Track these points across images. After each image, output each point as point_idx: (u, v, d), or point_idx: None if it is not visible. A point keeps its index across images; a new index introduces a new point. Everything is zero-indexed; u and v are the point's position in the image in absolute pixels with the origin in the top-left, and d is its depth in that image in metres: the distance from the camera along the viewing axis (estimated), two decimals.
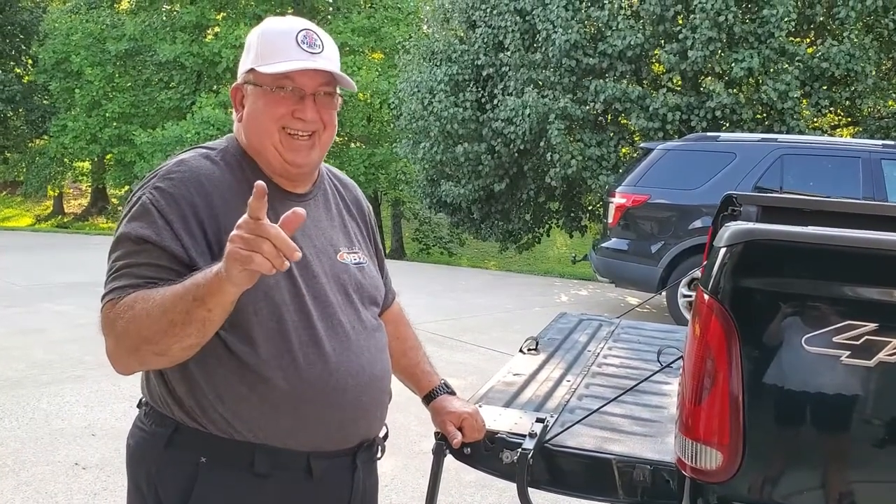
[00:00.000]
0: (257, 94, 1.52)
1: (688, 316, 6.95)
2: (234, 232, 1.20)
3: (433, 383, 1.90)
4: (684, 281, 7.22)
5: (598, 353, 2.70)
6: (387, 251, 20.48)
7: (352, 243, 1.68)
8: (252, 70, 1.53)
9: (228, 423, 1.46)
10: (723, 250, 1.56)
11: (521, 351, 2.68)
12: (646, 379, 2.10)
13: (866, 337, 1.44)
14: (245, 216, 1.20)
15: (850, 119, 12.02)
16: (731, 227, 1.60)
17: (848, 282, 1.51)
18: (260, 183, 1.18)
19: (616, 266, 7.94)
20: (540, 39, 11.41)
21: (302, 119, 1.50)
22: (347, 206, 1.74)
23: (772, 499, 1.54)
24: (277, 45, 1.51)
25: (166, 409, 1.50)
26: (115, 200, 26.37)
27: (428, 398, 1.89)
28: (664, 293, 7.48)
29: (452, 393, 1.91)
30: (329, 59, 1.53)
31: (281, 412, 1.46)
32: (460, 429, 1.83)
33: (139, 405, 1.60)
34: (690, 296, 7.24)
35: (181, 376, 1.46)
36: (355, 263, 1.65)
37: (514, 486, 1.76)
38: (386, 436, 1.71)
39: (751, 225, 1.67)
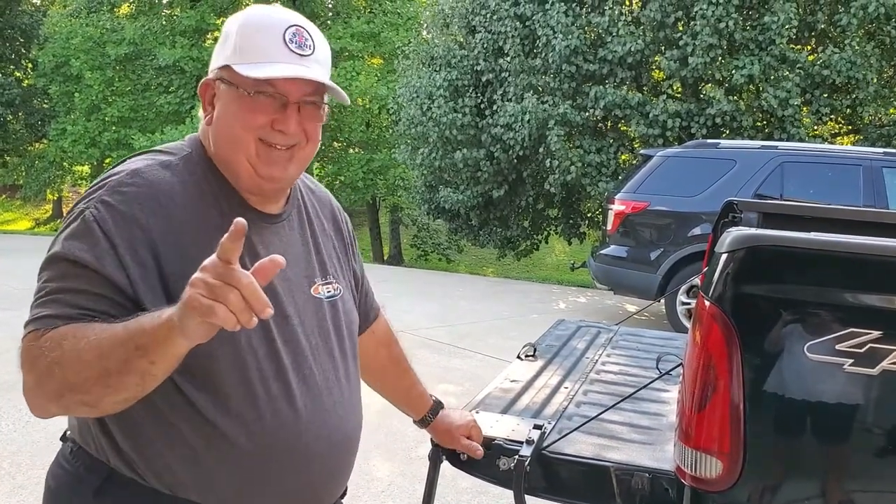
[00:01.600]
0: (232, 97, 1.30)
1: (686, 324, 6.98)
2: (198, 275, 1.00)
3: (428, 404, 1.83)
4: (683, 288, 7.19)
5: (597, 360, 2.67)
6: (385, 257, 20.46)
7: (326, 272, 1.48)
8: (228, 67, 1.29)
9: (175, 479, 1.25)
10: (724, 256, 1.54)
11: (518, 357, 2.65)
12: (645, 386, 2.08)
13: (870, 345, 1.42)
14: (213, 257, 1.00)
15: (850, 127, 12.02)
16: (733, 233, 1.57)
17: (851, 289, 1.49)
18: (240, 220, 0.99)
19: (615, 273, 7.91)
20: (540, 45, 11.42)
21: (283, 132, 1.29)
22: (322, 224, 1.54)
23: None
24: (260, 42, 1.29)
25: (100, 452, 1.29)
26: None
27: (425, 420, 1.83)
28: (663, 301, 7.46)
29: (443, 407, 1.86)
30: (319, 62, 1.32)
31: (239, 475, 1.27)
32: (469, 437, 1.82)
33: (63, 438, 1.38)
34: (689, 303, 7.21)
35: (121, 418, 1.23)
36: (328, 297, 1.45)
37: (510, 493, 1.73)
38: (344, 492, 1.52)
39: (753, 230, 1.65)
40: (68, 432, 1.37)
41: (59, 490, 1.33)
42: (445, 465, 1.90)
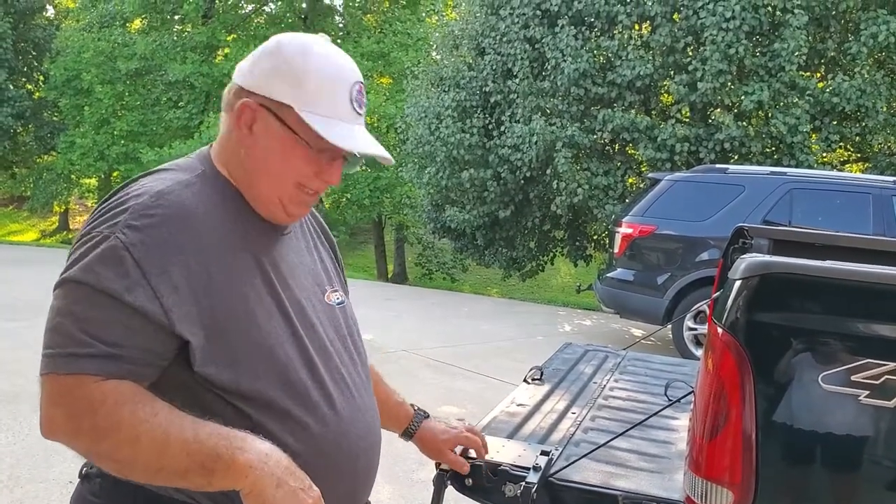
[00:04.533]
0: (286, 139, 1.27)
1: (693, 349, 6.94)
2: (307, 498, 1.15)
3: (409, 413, 1.75)
4: (690, 314, 7.15)
5: (605, 386, 2.64)
6: (389, 275, 20.46)
7: (331, 279, 1.49)
8: (290, 108, 1.25)
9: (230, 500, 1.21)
10: (738, 283, 1.51)
11: (525, 381, 2.62)
12: (654, 414, 2.05)
13: (886, 377, 1.39)
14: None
15: (860, 155, 12.01)
16: (747, 260, 1.55)
17: (867, 319, 1.46)
18: None
19: (621, 297, 7.88)
20: (549, 68, 11.46)
21: (327, 182, 1.31)
22: (318, 235, 1.56)
23: None
24: (330, 93, 1.27)
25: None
26: None
27: (408, 431, 1.75)
28: (670, 326, 7.42)
29: (427, 416, 1.78)
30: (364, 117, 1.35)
31: None
32: (465, 454, 1.78)
33: (84, 477, 1.30)
34: (696, 329, 7.17)
35: None
36: (338, 304, 1.47)
37: None
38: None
39: (767, 258, 1.63)
40: (89, 468, 1.29)
41: None
42: (449, 491, 1.86)
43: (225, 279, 1.22)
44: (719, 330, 1.53)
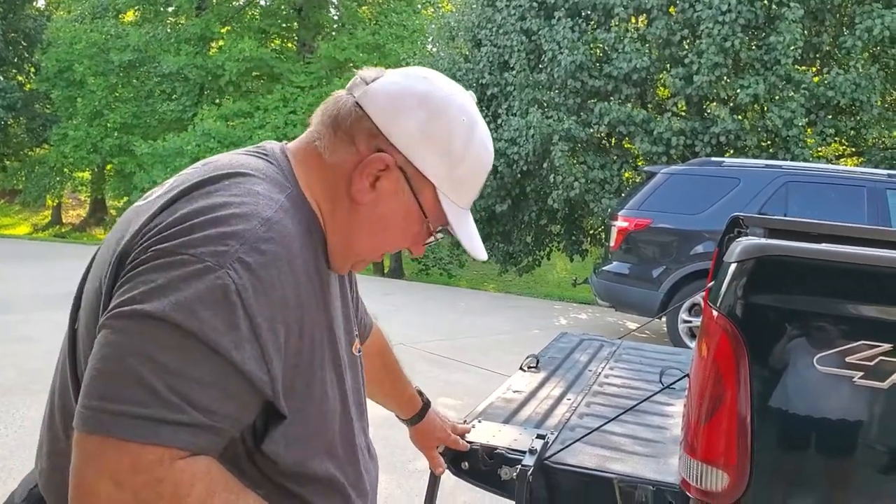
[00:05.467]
0: (410, 211, 1.12)
1: (688, 342, 6.95)
2: None
3: (419, 405, 1.76)
4: (685, 306, 7.17)
5: (600, 373, 2.65)
6: (385, 271, 20.49)
7: (357, 323, 1.35)
8: (430, 183, 1.11)
9: None
10: (734, 265, 1.51)
11: (521, 368, 2.62)
12: (649, 397, 2.06)
13: (880, 358, 1.40)
14: None
15: (854, 149, 12.03)
16: (743, 242, 1.55)
17: (862, 301, 1.47)
18: None
19: (616, 290, 7.89)
20: (545, 60, 11.45)
21: (414, 254, 1.20)
22: None
23: None
24: (474, 186, 1.16)
25: None
26: (113, 212, 26.33)
27: (412, 420, 1.76)
28: (664, 318, 7.43)
29: (429, 405, 1.79)
30: None
31: None
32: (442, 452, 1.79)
33: None
34: (691, 321, 7.19)
35: None
36: (359, 354, 1.30)
37: None
38: None
39: (763, 240, 1.63)
40: None
41: None
42: (444, 479, 1.87)
43: (309, 344, 1.04)
44: (714, 313, 1.53)
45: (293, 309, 0.99)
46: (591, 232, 13.52)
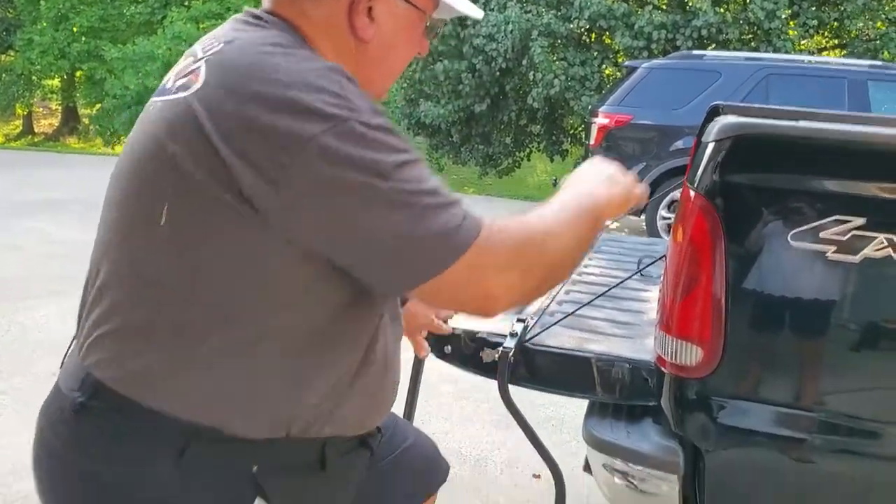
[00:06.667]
0: (410, 17, 1.14)
1: (665, 237, 7.00)
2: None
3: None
4: (664, 202, 7.21)
5: None
6: None
7: None
8: None
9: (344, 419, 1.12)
10: (711, 145, 1.51)
11: None
12: (625, 280, 2.09)
13: (853, 232, 1.42)
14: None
15: (837, 41, 11.89)
16: (720, 122, 1.55)
17: (837, 176, 1.48)
18: None
19: None
20: None
21: (421, 54, 1.21)
22: None
23: (749, 394, 1.54)
24: None
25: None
26: (86, 120, 25.70)
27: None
28: (643, 215, 7.48)
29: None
30: None
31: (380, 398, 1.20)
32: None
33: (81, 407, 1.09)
34: (669, 218, 7.24)
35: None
36: None
37: (489, 398, 1.75)
38: None
39: (741, 119, 1.63)
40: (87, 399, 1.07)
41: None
42: (428, 372, 1.90)
43: None
44: (692, 193, 1.54)
45: None
46: (571, 132, 13.43)
